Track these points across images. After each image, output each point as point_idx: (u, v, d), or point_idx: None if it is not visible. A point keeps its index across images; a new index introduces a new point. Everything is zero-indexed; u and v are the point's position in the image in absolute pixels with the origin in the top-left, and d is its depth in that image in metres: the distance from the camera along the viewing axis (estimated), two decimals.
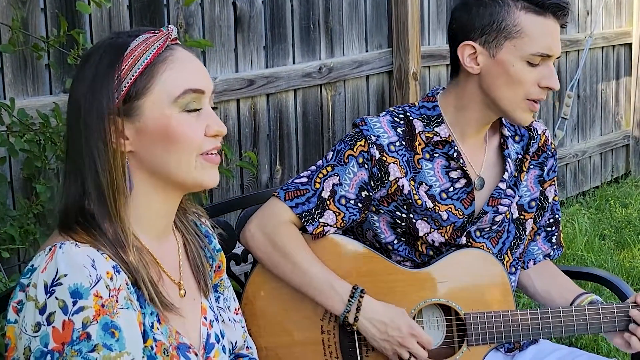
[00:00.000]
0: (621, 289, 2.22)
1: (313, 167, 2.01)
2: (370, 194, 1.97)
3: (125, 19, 2.97)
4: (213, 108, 1.47)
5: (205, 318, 1.54)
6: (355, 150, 1.97)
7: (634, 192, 5.83)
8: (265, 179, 3.61)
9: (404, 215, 1.99)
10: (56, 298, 1.28)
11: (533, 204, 2.11)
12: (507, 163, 2.05)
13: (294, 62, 3.68)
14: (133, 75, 1.38)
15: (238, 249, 2.13)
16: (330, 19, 3.84)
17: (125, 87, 1.37)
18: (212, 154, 1.43)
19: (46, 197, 2.35)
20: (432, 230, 1.99)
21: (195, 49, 1.65)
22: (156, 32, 1.43)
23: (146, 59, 1.39)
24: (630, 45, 6.22)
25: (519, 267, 2.14)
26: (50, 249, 1.32)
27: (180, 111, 1.40)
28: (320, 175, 1.97)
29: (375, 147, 1.96)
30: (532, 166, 2.12)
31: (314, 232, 1.95)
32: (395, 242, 2.02)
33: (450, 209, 1.99)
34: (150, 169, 1.41)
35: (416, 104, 2.06)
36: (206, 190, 1.51)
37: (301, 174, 2.01)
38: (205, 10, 3.28)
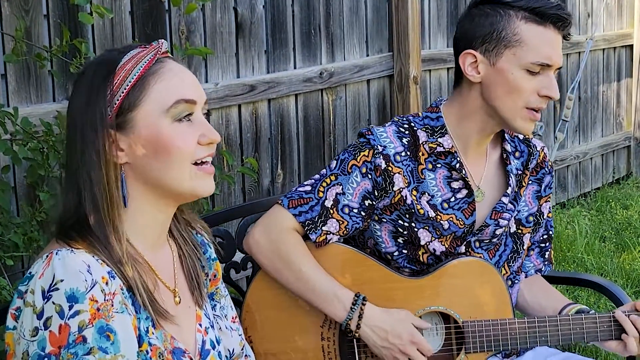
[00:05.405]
0: (617, 295, 2.23)
1: (317, 176, 2.02)
2: (374, 202, 1.99)
3: (127, 26, 2.99)
4: (205, 115, 1.49)
5: (200, 325, 1.57)
6: (358, 160, 1.98)
7: (635, 193, 5.84)
8: (266, 184, 3.64)
9: (406, 224, 2.00)
10: (53, 303, 1.31)
11: (531, 218, 2.13)
12: (509, 178, 2.06)
13: (295, 67, 3.70)
14: (125, 89, 1.41)
15: (237, 257, 2.16)
16: (331, 23, 3.86)
17: (117, 100, 1.41)
18: (206, 162, 1.46)
19: (49, 205, 2.36)
20: (434, 239, 2.01)
21: (185, 62, 1.67)
22: (147, 46, 1.46)
23: (137, 73, 1.42)
24: (631, 46, 6.23)
25: (516, 281, 2.15)
26: (47, 256, 1.35)
27: (172, 121, 1.43)
28: (324, 184, 1.99)
29: (381, 157, 1.97)
30: (530, 182, 2.13)
31: (316, 241, 1.96)
32: (396, 253, 2.03)
33: (451, 219, 2.01)
34: (145, 180, 1.44)
35: (420, 114, 2.07)
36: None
37: (305, 182, 2.02)
38: (207, 17, 3.30)
